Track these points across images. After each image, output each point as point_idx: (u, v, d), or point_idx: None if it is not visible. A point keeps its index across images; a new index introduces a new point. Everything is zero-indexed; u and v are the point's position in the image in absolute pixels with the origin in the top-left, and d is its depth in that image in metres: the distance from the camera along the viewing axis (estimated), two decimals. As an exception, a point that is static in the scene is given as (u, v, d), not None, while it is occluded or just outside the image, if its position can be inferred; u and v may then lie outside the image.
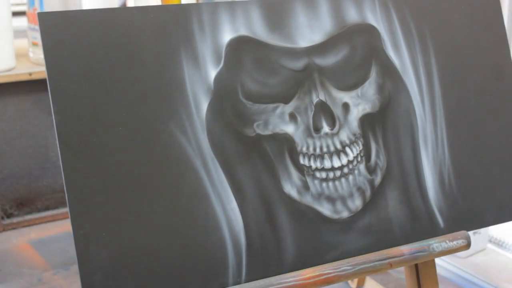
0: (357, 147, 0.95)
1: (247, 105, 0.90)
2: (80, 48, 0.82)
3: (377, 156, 0.96)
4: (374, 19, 0.99)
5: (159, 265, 0.83)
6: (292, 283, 0.88)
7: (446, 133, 1.01)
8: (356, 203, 0.94)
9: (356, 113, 0.95)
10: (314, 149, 0.92)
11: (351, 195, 0.94)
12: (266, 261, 0.88)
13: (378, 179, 0.96)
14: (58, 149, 0.79)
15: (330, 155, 0.93)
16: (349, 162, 0.94)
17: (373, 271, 0.94)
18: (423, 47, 1.01)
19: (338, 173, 0.93)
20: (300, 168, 0.91)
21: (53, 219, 2.17)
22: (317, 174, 0.92)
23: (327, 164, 0.93)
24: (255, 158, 0.89)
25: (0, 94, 2.07)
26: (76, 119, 0.81)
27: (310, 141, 0.92)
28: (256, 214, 0.88)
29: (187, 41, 0.87)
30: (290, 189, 0.91)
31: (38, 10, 1.99)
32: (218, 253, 0.86)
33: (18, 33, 2.22)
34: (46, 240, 2.02)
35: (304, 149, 0.92)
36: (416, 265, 1.05)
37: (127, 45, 0.84)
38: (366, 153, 0.96)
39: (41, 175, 2.19)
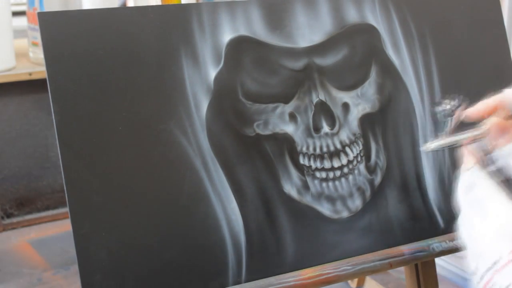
0: (357, 147, 0.95)
1: (247, 105, 0.90)
2: (80, 48, 0.82)
3: (377, 156, 0.96)
4: (374, 19, 0.99)
5: (159, 265, 0.83)
6: (292, 283, 0.88)
7: (446, 133, 1.01)
8: (356, 203, 0.94)
9: (356, 113, 0.95)
10: (314, 149, 0.92)
11: (351, 195, 0.94)
12: (266, 261, 0.89)
13: (378, 179, 0.96)
14: (58, 149, 0.79)
15: (330, 155, 0.93)
16: (349, 162, 0.94)
17: (373, 271, 0.94)
18: (423, 47, 1.01)
19: (338, 173, 0.93)
20: (300, 168, 0.91)
21: (53, 219, 2.17)
22: (317, 174, 0.92)
23: (327, 164, 0.93)
24: (255, 158, 0.89)
25: (0, 94, 2.07)
26: (76, 119, 0.81)
27: (310, 141, 0.92)
28: (256, 214, 0.88)
29: (187, 41, 0.87)
30: (290, 189, 0.91)
31: (38, 10, 1.99)
32: (218, 253, 0.86)
33: (18, 33, 2.22)
34: (46, 240, 2.02)
35: (304, 149, 0.92)
36: (416, 265, 1.05)
37: (127, 45, 0.84)
38: (366, 153, 0.96)
39: (41, 175, 2.19)
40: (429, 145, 0.73)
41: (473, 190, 0.67)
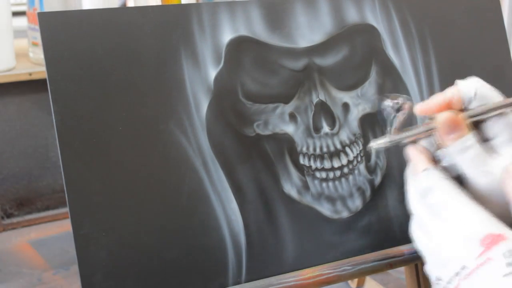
0: (357, 147, 0.95)
1: (247, 105, 0.90)
2: (80, 48, 0.82)
3: (377, 156, 0.96)
4: (374, 19, 0.99)
5: (159, 265, 0.83)
6: (292, 283, 0.88)
7: (446, 133, 1.01)
8: (356, 203, 0.94)
9: (356, 113, 0.95)
10: (314, 149, 0.92)
11: (351, 195, 0.94)
12: (266, 261, 0.89)
13: (378, 179, 0.96)
14: (58, 149, 0.79)
15: (330, 155, 0.93)
16: (349, 162, 0.94)
17: (373, 271, 0.94)
18: (423, 47, 1.01)
19: (338, 173, 0.93)
20: (300, 168, 0.91)
21: (53, 219, 2.17)
22: (317, 174, 0.92)
23: (327, 164, 0.93)
24: (255, 158, 0.89)
25: (0, 94, 2.08)
26: (76, 119, 0.81)
27: (310, 141, 0.92)
28: (256, 214, 0.88)
29: (187, 41, 0.87)
30: (290, 189, 0.91)
31: (38, 10, 1.99)
32: (218, 253, 0.86)
33: (18, 33, 2.22)
34: (46, 240, 2.02)
35: (304, 149, 0.92)
36: (416, 265, 1.05)
37: (127, 45, 0.84)
38: (366, 153, 0.96)
39: (41, 175, 2.19)
40: (374, 143, 0.69)
41: (432, 193, 0.63)
